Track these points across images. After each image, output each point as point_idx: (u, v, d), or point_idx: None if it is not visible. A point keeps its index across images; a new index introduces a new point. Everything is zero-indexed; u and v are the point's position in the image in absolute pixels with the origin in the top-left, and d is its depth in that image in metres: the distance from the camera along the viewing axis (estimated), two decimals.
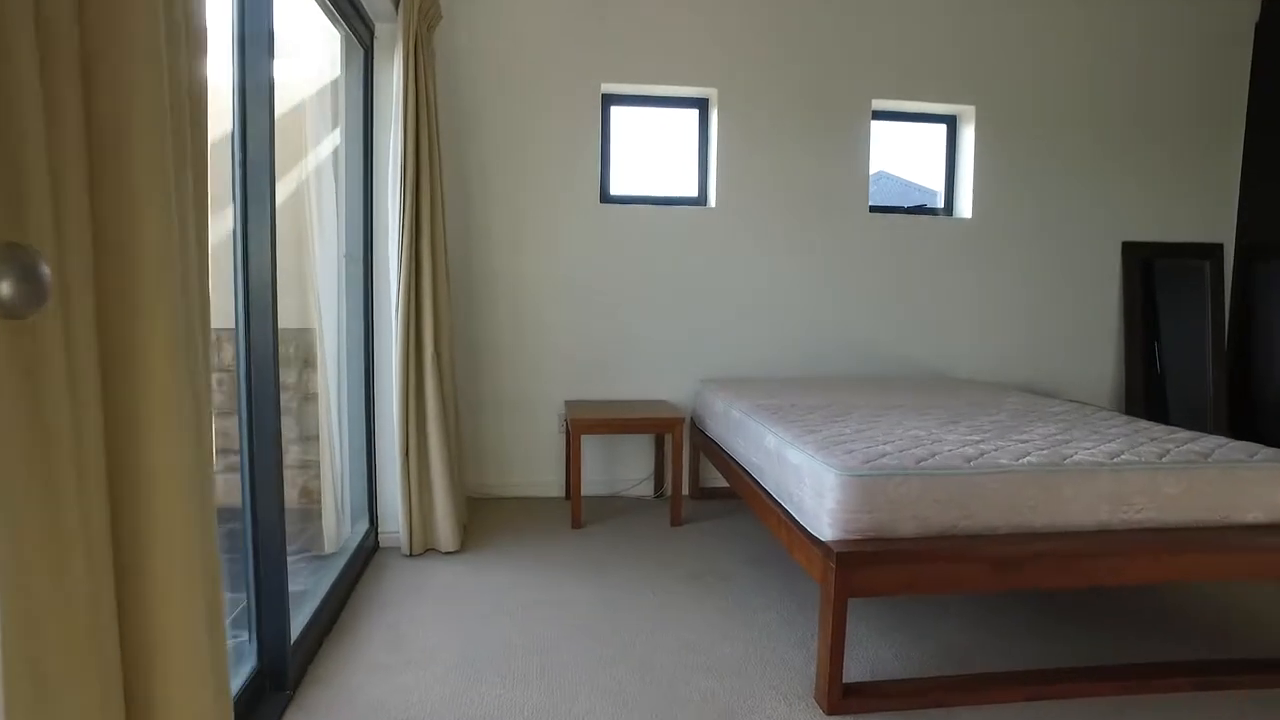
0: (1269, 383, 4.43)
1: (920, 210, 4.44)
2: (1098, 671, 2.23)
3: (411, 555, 3.12)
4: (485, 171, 3.86)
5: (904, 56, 4.14)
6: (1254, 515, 2.30)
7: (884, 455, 2.19)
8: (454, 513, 3.16)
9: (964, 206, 4.34)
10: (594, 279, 3.99)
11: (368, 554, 3.12)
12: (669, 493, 3.99)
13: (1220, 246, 4.64)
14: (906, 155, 4.48)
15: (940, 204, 4.45)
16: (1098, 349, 4.54)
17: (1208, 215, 4.61)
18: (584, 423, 3.50)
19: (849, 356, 4.25)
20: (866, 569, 1.99)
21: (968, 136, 4.30)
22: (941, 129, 4.39)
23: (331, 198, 3.05)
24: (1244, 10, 4.50)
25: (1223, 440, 2.55)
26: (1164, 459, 2.28)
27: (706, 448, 3.63)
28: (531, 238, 3.93)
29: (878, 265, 4.23)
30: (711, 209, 4.07)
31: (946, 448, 2.31)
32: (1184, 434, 2.64)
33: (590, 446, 4.02)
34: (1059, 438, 2.52)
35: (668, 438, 4.00)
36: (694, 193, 4.18)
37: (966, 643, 2.44)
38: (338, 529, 3.14)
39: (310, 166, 2.89)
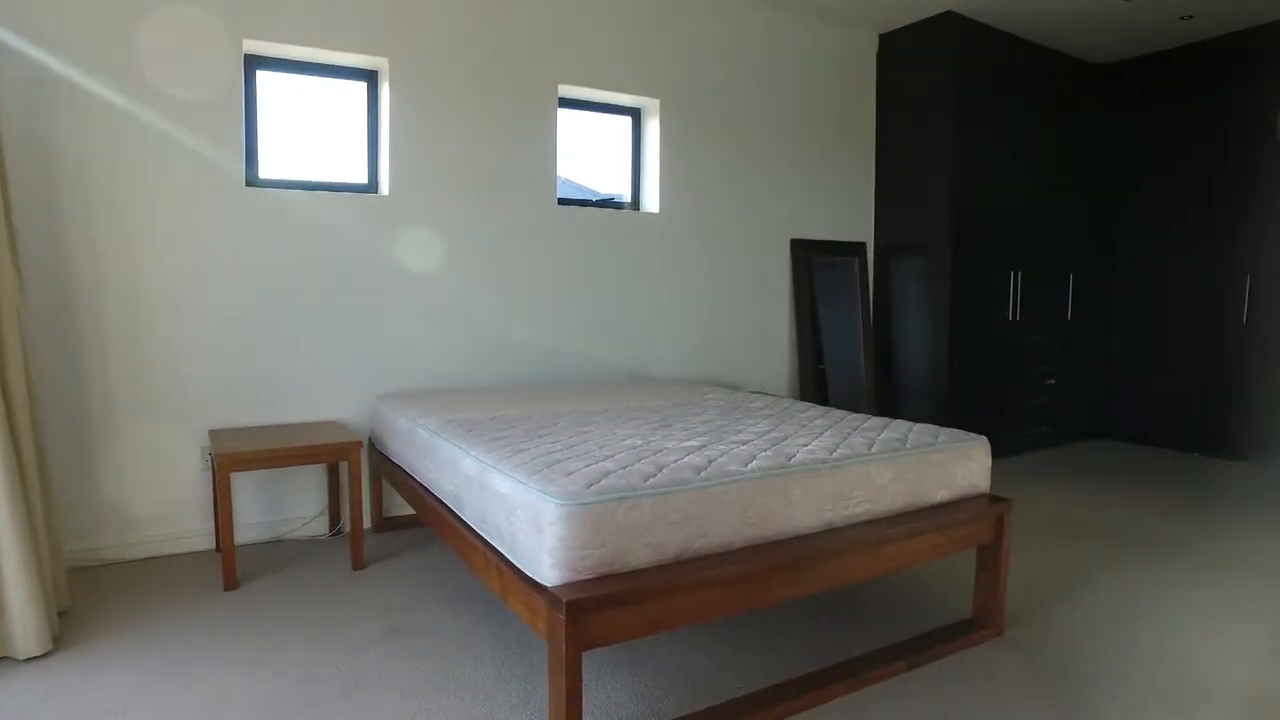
0: (904, 366, 4.98)
1: (609, 204, 4.30)
2: (828, 674, 2.17)
3: None
4: (82, 148, 2.94)
5: (591, 44, 3.94)
6: (941, 494, 2.40)
7: (607, 475, 1.90)
8: (39, 600, 2.31)
9: (651, 201, 4.28)
10: (241, 280, 3.24)
11: None
12: (347, 529, 3.39)
13: (864, 245, 5.13)
14: (582, 160, 4.29)
15: (627, 199, 4.35)
16: (774, 340, 4.76)
17: (854, 217, 5.08)
18: (233, 457, 2.80)
19: (542, 361, 3.96)
20: (601, 615, 1.67)
21: (653, 130, 4.24)
22: (627, 122, 4.29)
23: None
24: (866, 47, 5.00)
25: (908, 425, 2.65)
26: (873, 449, 2.28)
27: (389, 473, 3.10)
28: (155, 230, 3.07)
29: (568, 262, 3.99)
30: (384, 197, 3.53)
31: (671, 458, 2.09)
32: (875, 420, 2.72)
33: (245, 484, 3.28)
34: (774, 435, 2.44)
35: (343, 466, 3.40)
36: (363, 179, 3.61)
37: (703, 666, 2.25)
38: None
39: None
